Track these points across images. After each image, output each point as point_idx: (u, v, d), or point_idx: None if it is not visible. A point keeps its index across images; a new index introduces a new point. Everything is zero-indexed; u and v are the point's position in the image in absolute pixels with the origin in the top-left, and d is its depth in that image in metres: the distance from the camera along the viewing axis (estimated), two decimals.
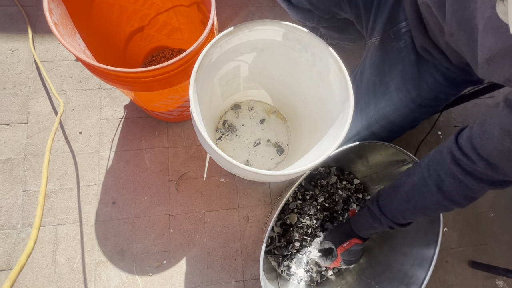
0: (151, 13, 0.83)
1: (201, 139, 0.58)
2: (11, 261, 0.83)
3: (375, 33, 0.65)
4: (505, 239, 1.01)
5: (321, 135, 0.73)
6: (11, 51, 0.99)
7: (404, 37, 0.61)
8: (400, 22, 0.61)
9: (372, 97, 0.69)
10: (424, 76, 0.61)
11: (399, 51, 0.62)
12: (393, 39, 0.62)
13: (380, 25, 0.63)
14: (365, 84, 0.70)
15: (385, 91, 0.66)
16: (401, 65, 0.63)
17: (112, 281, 0.84)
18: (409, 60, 0.61)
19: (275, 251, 0.89)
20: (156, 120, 0.98)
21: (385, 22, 0.62)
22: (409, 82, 0.62)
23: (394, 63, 0.64)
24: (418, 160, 0.73)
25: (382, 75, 0.66)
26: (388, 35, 0.63)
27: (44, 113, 0.95)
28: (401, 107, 0.65)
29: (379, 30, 0.64)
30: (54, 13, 0.57)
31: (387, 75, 0.65)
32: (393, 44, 0.63)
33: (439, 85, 0.61)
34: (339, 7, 0.68)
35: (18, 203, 0.87)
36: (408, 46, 0.61)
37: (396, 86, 0.64)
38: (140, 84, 0.60)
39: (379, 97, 0.68)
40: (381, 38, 0.64)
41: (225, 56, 0.69)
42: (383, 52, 0.64)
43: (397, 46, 0.62)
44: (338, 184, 0.97)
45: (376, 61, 0.66)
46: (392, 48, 0.63)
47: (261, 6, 1.16)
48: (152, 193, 0.92)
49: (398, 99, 0.65)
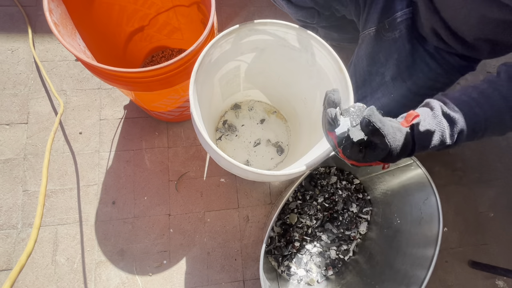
0: (151, 13, 0.83)
1: (201, 139, 0.58)
2: (11, 261, 0.83)
3: (369, 23, 0.66)
4: (505, 239, 1.01)
5: (321, 135, 0.73)
6: (11, 51, 0.99)
7: (399, 27, 0.62)
8: (395, 12, 0.61)
9: (368, 88, 0.70)
10: (419, 64, 0.62)
11: (394, 41, 0.63)
12: (388, 29, 0.63)
13: (375, 16, 0.64)
14: (360, 75, 0.70)
15: (381, 81, 0.67)
16: (396, 55, 0.63)
17: (112, 281, 0.84)
18: (404, 50, 0.62)
19: (275, 251, 0.89)
20: (156, 120, 0.98)
21: (380, 13, 0.63)
22: (404, 71, 0.63)
23: (389, 53, 0.64)
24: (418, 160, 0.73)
25: (378, 65, 0.67)
26: (383, 25, 0.63)
27: (44, 113, 0.95)
28: (397, 96, 0.66)
29: (374, 20, 0.64)
30: (54, 13, 0.57)
31: (383, 65, 0.66)
32: (388, 34, 0.63)
33: (434, 74, 0.62)
34: (339, 1, 0.69)
35: (18, 203, 0.87)
36: (403, 36, 0.62)
37: (391, 76, 0.65)
38: (140, 84, 0.60)
39: (375, 88, 0.68)
40: (376, 28, 0.64)
41: (225, 56, 0.69)
42: (378, 43, 0.65)
43: (392, 36, 0.63)
44: (338, 184, 0.97)
45: (371, 52, 0.67)
46: (387, 38, 0.64)
47: (261, 6, 1.16)
48: (152, 193, 0.92)
49: (394, 88, 0.65)
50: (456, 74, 0.63)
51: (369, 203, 0.96)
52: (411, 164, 0.75)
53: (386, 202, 0.89)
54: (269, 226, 0.66)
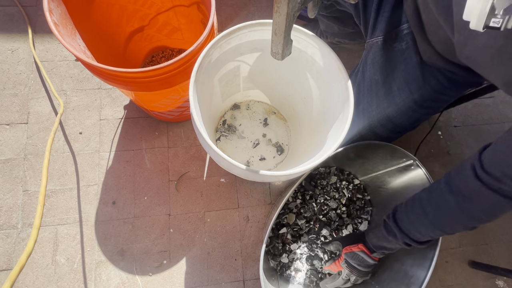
0: (151, 13, 0.83)
1: (201, 139, 0.58)
2: (11, 261, 0.83)
3: (377, 32, 0.65)
4: (505, 239, 1.01)
5: (321, 135, 0.73)
6: (11, 51, 0.99)
7: (406, 39, 0.61)
8: (402, 24, 0.61)
9: (374, 97, 0.69)
10: (427, 77, 0.61)
11: (401, 52, 0.62)
12: (395, 40, 0.62)
13: (383, 25, 0.63)
14: (367, 83, 0.70)
15: (388, 91, 0.66)
16: (403, 66, 0.62)
17: (112, 281, 0.84)
18: (411, 62, 0.61)
19: (275, 251, 0.89)
20: (156, 120, 0.98)
21: (387, 22, 0.62)
22: (412, 83, 0.62)
23: (397, 64, 0.63)
24: (418, 160, 0.73)
25: (385, 75, 0.66)
26: (391, 35, 0.62)
27: (44, 113, 0.95)
28: (403, 108, 0.65)
29: (381, 29, 0.63)
30: (54, 13, 0.57)
31: (390, 75, 0.65)
32: (395, 45, 0.62)
33: (442, 87, 0.61)
34: None
35: (18, 203, 0.87)
36: (410, 48, 0.61)
37: (398, 87, 0.64)
38: (140, 84, 0.60)
39: (381, 97, 0.68)
40: (384, 38, 0.63)
41: (225, 57, 0.69)
42: (386, 52, 0.64)
43: (400, 47, 0.62)
44: (338, 184, 0.97)
45: (379, 61, 0.66)
46: (394, 48, 0.63)
47: (261, 6, 1.16)
48: (152, 193, 0.92)
49: (400, 99, 0.65)
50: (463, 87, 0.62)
51: (369, 203, 0.96)
52: (411, 164, 0.75)
53: (386, 202, 0.89)
54: (269, 226, 0.66)
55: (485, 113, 1.14)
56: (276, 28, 0.46)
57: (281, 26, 0.45)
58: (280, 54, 0.50)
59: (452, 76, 0.59)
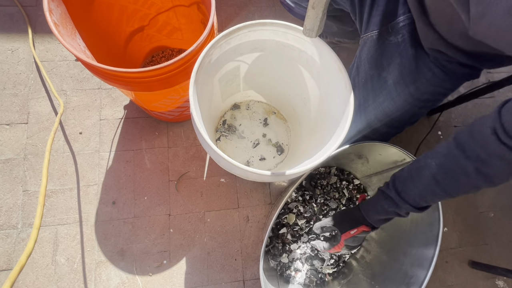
0: (151, 13, 0.83)
1: (201, 139, 0.58)
2: (11, 261, 0.83)
3: (371, 26, 0.65)
4: (505, 239, 1.01)
5: (321, 135, 0.73)
6: (11, 51, 0.99)
7: (402, 32, 0.61)
8: (398, 17, 0.61)
9: (370, 92, 0.69)
10: (422, 70, 0.61)
11: (397, 45, 0.62)
12: (390, 33, 0.62)
13: (377, 19, 0.63)
14: (362, 78, 0.70)
15: (383, 85, 0.66)
16: (399, 59, 0.62)
17: (112, 281, 0.84)
18: (407, 54, 0.61)
19: (275, 251, 0.89)
20: (156, 120, 0.98)
21: (382, 15, 0.62)
22: (407, 76, 0.62)
23: (392, 57, 0.63)
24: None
25: (380, 69, 0.66)
26: (386, 29, 0.62)
27: (44, 113, 0.95)
28: (399, 101, 0.65)
29: (376, 23, 0.63)
30: (54, 13, 0.57)
31: (385, 69, 0.65)
32: (391, 38, 0.62)
33: (438, 80, 0.61)
34: None
35: (18, 203, 0.87)
36: (405, 41, 0.61)
37: (394, 80, 0.64)
38: (140, 84, 0.60)
39: (377, 92, 0.68)
40: (379, 32, 0.63)
41: (225, 57, 0.69)
42: (380, 46, 0.64)
43: (395, 41, 0.62)
44: (338, 184, 0.97)
45: (374, 55, 0.66)
46: (390, 42, 0.63)
47: (261, 6, 1.16)
48: (152, 193, 0.92)
49: (396, 93, 0.65)
50: (460, 80, 0.62)
51: None
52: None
53: None
54: (269, 226, 0.66)
55: (485, 113, 1.14)
56: (315, 1, 0.43)
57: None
58: (315, 31, 0.47)
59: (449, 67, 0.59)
